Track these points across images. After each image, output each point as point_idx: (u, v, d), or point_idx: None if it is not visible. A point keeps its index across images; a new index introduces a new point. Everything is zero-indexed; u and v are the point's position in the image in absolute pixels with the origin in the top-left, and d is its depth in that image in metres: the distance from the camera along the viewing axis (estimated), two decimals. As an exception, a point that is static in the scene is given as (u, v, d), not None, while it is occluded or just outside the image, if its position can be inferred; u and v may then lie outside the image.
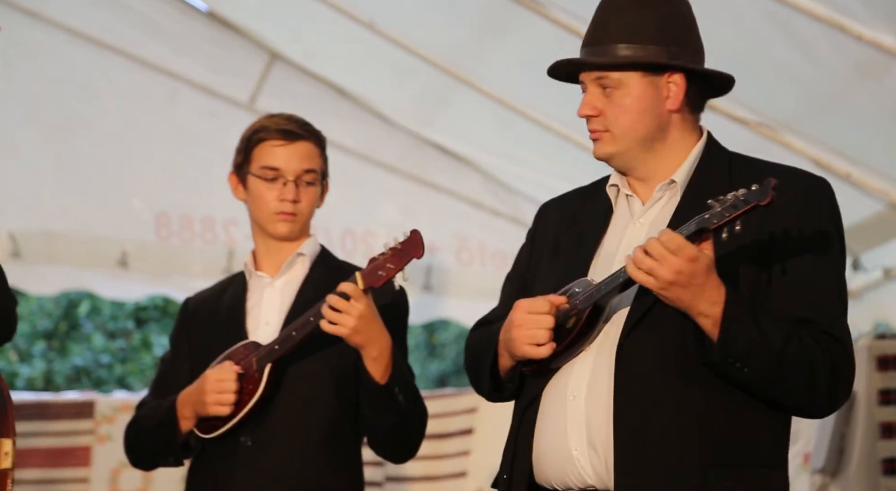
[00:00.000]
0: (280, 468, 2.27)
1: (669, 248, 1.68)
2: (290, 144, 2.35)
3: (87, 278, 4.27)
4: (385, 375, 2.25)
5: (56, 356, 7.84)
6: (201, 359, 2.32)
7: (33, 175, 4.10)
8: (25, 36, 3.76)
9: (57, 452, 3.89)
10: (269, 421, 2.27)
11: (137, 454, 2.41)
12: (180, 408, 2.29)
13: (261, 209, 2.37)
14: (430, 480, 3.92)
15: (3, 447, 1.84)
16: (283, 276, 2.38)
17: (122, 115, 4.14)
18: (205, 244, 4.27)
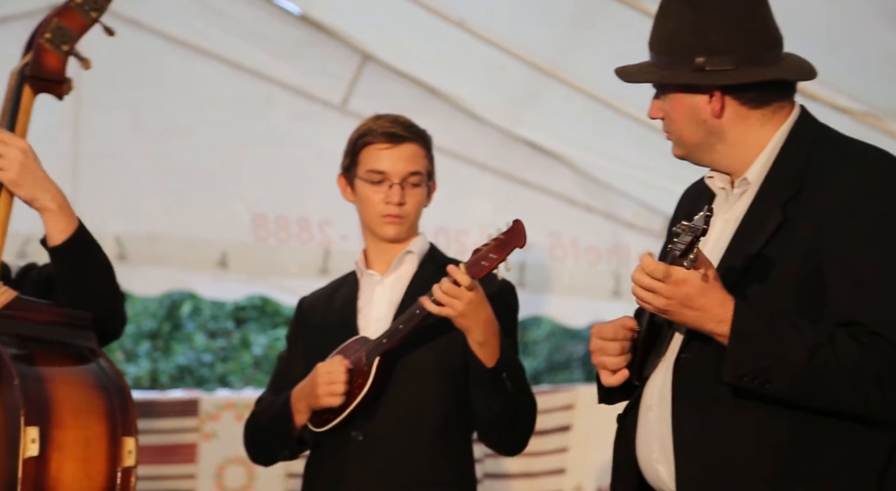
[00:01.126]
0: (391, 463, 2.31)
1: (656, 276, 1.66)
2: (395, 147, 2.39)
3: (188, 279, 4.38)
4: (492, 359, 2.26)
5: (160, 356, 8.04)
6: (315, 356, 2.38)
7: (137, 179, 4.21)
8: (127, 44, 3.86)
9: (165, 449, 3.99)
10: (379, 415, 2.31)
11: (255, 449, 2.48)
12: (294, 402, 2.35)
13: (368, 212, 2.41)
14: (528, 477, 3.92)
15: (127, 446, 1.91)
16: (393, 273, 2.42)
17: (220, 119, 4.23)
18: (301, 244, 4.34)
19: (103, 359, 2.04)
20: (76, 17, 2.18)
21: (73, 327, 2.09)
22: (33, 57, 2.17)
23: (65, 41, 2.17)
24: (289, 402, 2.35)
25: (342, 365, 2.29)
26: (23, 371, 1.93)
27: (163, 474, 3.98)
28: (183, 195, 4.25)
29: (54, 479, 1.86)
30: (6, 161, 2.10)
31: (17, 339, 2.00)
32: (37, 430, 1.85)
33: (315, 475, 2.39)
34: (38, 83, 2.16)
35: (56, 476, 1.87)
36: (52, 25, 2.17)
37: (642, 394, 1.82)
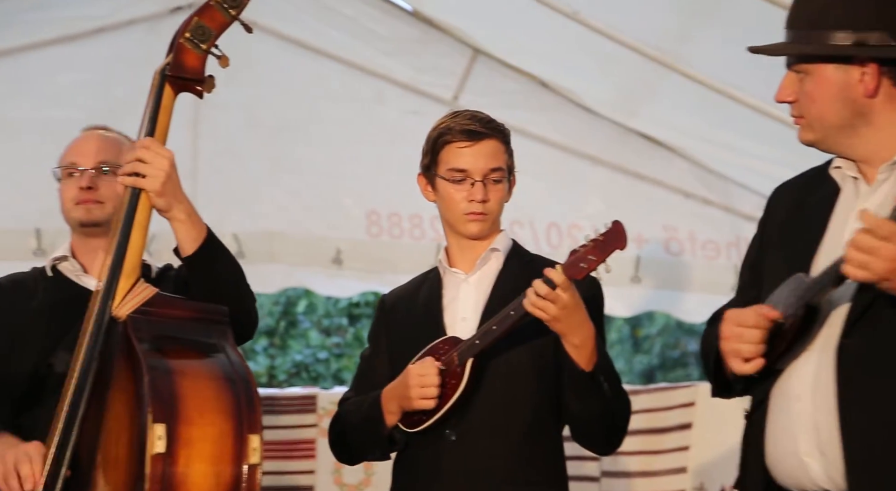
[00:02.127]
0: (484, 462, 2.29)
1: (880, 235, 1.57)
2: (475, 145, 2.36)
3: (304, 276, 4.43)
4: (590, 362, 2.23)
5: (277, 352, 8.19)
6: (400, 354, 2.37)
7: (253, 178, 4.28)
8: (243, 45, 3.92)
9: (285, 445, 4.05)
10: (472, 415, 2.29)
11: (343, 449, 2.47)
12: (385, 403, 2.34)
13: (451, 210, 2.39)
14: (647, 476, 3.85)
15: (252, 443, 1.92)
16: (478, 271, 2.40)
17: (333, 116, 4.27)
18: (413, 241, 4.35)
19: (235, 355, 2.06)
20: (216, 16, 2.20)
21: (210, 323, 2.11)
22: (174, 56, 2.19)
23: (204, 40, 2.19)
24: (379, 402, 2.34)
25: (435, 368, 2.27)
26: (153, 367, 1.96)
27: (284, 470, 4.04)
28: (298, 193, 4.30)
29: (181, 475, 1.89)
30: (153, 170, 2.14)
31: (154, 335, 2.03)
32: (163, 427, 1.88)
33: (407, 474, 2.38)
34: (179, 82, 2.19)
35: (183, 472, 1.89)
36: (192, 24, 2.19)
37: (778, 387, 1.75)
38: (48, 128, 3.62)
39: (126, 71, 3.91)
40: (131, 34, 4.00)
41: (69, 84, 4.02)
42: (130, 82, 3.82)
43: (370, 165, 4.31)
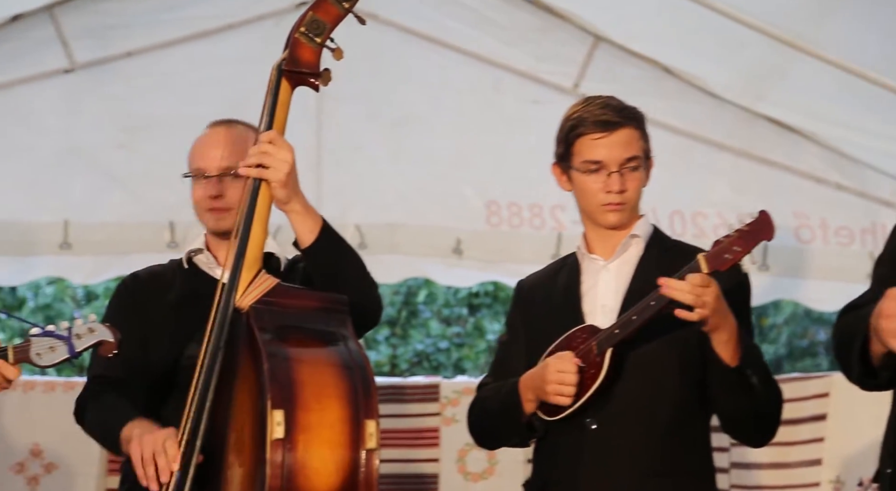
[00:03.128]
0: (626, 452, 2.26)
1: None
2: (609, 135, 2.33)
3: (425, 266, 4.46)
4: (735, 357, 2.17)
5: (399, 342, 8.28)
6: (537, 341, 2.35)
7: (375, 169, 4.32)
8: (364, 37, 3.96)
9: (409, 433, 4.09)
10: (613, 405, 2.26)
11: (482, 434, 2.48)
12: (523, 391, 2.33)
13: (588, 201, 2.36)
14: (780, 467, 3.75)
15: (369, 428, 1.95)
16: (618, 258, 2.37)
17: (453, 107, 4.28)
18: (533, 230, 4.33)
19: (353, 342, 2.09)
20: (330, 9, 2.22)
21: (329, 312, 2.14)
22: (289, 51, 2.23)
23: (318, 33, 2.22)
24: (517, 389, 2.33)
25: (573, 365, 2.25)
26: (273, 355, 2.00)
27: (409, 457, 4.08)
28: (419, 183, 4.32)
29: (301, 460, 1.91)
30: (277, 161, 2.17)
31: (275, 324, 2.07)
32: (282, 413, 1.92)
33: (546, 462, 2.36)
34: (295, 76, 2.22)
35: (302, 457, 1.92)
36: (307, 19, 2.22)
37: None
38: (182, 124, 3.72)
39: (253, 66, 3.98)
40: (258, 30, 4.09)
41: (200, 80, 4.13)
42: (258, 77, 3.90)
43: (490, 155, 4.30)
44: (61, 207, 4.12)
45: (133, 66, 4.12)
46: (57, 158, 4.12)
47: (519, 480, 4.12)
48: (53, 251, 4.13)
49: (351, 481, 1.92)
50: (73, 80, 4.08)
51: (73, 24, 4.01)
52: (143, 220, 4.16)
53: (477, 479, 4.08)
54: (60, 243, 4.12)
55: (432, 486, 4.07)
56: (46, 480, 3.97)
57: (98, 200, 4.17)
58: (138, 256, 4.11)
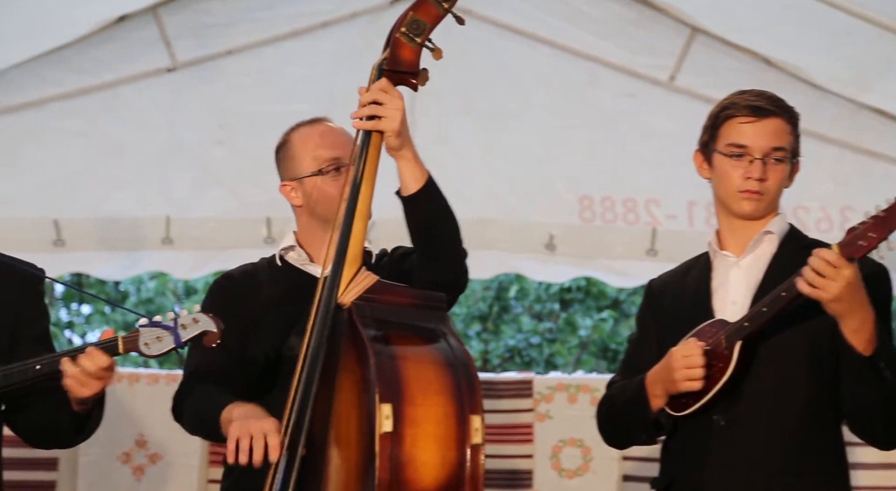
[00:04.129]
0: (756, 449, 2.22)
1: None
2: (759, 121, 2.29)
3: (517, 262, 4.45)
4: (868, 346, 2.12)
5: (490, 337, 8.28)
6: (667, 338, 2.33)
7: (466, 164, 4.32)
8: (457, 33, 3.98)
9: (502, 429, 4.09)
10: (742, 401, 2.22)
11: (610, 432, 2.46)
12: (650, 386, 2.31)
13: (726, 187, 2.32)
14: (888, 468, 3.64)
15: (474, 423, 1.96)
16: (750, 254, 2.32)
17: (546, 101, 4.26)
18: (627, 225, 4.29)
19: (454, 339, 2.11)
20: (430, 10, 2.25)
21: (428, 309, 2.16)
22: (390, 51, 2.25)
23: (418, 33, 2.24)
24: (643, 385, 2.31)
25: (698, 348, 2.22)
26: (378, 351, 2.02)
27: (502, 453, 4.08)
28: (511, 179, 4.31)
29: (408, 454, 1.93)
30: (389, 111, 2.20)
31: (377, 320, 2.09)
32: (390, 406, 1.94)
33: (674, 460, 2.34)
34: (395, 76, 2.25)
35: (410, 451, 1.93)
36: (407, 19, 2.24)
37: None
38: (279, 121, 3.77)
39: (348, 63, 4.04)
40: (354, 27, 4.13)
41: (297, 78, 4.19)
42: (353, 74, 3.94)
43: (583, 150, 4.28)
44: (163, 204, 4.22)
45: (232, 64, 4.20)
46: (159, 156, 4.22)
47: (614, 477, 4.13)
48: (156, 247, 4.23)
49: (457, 476, 1.94)
50: (175, 78, 4.17)
51: (175, 24, 4.10)
52: (240, 215, 4.23)
53: (572, 475, 4.06)
54: (163, 239, 4.22)
55: (526, 482, 4.07)
56: (151, 470, 4.07)
57: (198, 197, 4.25)
58: (236, 252, 4.19)
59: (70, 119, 4.13)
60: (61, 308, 8.39)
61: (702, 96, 3.99)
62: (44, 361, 2.27)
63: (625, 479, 4.02)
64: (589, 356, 8.26)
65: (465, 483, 1.94)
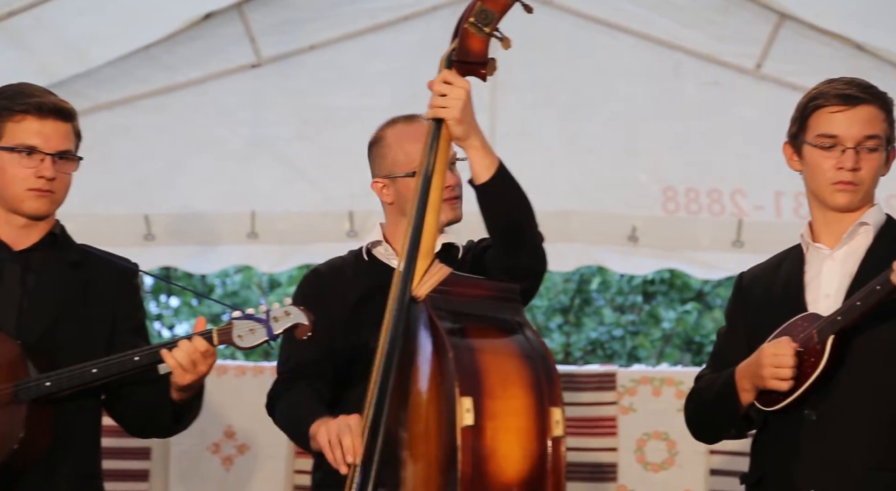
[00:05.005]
0: (848, 445, 2.18)
1: None
2: (850, 109, 2.23)
3: (599, 254, 4.41)
4: None
5: (572, 330, 8.24)
6: (757, 332, 2.29)
7: (548, 157, 4.30)
8: (539, 24, 3.96)
9: (585, 422, 4.07)
10: (834, 396, 2.18)
11: (698, 426, 2.43)
12: (739, 380, 2.27)
13: (817, 179, 2.27)
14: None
15: (554, 416, 1.95)
16: (844, 246, 2.28)
17: (629, 92, 4.21)
18: (712, 216, 4.22)
19: (530, 331, 2.10)
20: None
21: (503, 300, 2.15)
22: (459, 41, 2.25)
23: (487, 23, 2.24)
24: (733, 379, 2.28)
25: (790, 348, 2.18)
26: (456, 344, 2.01)
27: (586, 446, 4.06)
28: (592, 170, 4.28)
29: (490, 447, 1.93)
30: (451, 100, 2.20)
31: (452, 313, 2.09)
32: (470, 400, 1.94)
33: (765, 454, 2.30)
34: (464, 66, 2.24)
35: (491, 445, 1.93)
36: (475, 9, 2.24)
37: None
38: (361, 115, 3.81)
39: (430, 56, 4.03)
40: (435, 20, 4.13)
41: (378, 72, 4.22)
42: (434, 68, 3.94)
43: (666, 140, 4.22)
44: (249, 198, 4.28)
45: (315, 59, 4.24)
46: (244, 151, 4.28)
47: (701, 472, 4.08)
48: (241, 241, 4.30)
49: (539, 469, 1.93)
50: (260, 74, 4.23)
51: (260, 21, 4.16)
52: (324, 209, 4.28)
53: (657, 469, 4.02)
54: (248, 233, 4.28)
55: (610, 475, 4.04)
56: (239, 461, 4.14)
57: (282, 191, 4.31)
58: (320, 245, 4.24)
59: (158, 116, 4.22)
60: (150, 301, 8.59)
61: (789, 84, 3.91)
62: (142, 352, 2.33)
63: (712, 473, 3.96)
64: (672, 349, 8.16)
65: (547, 475, 1.93)
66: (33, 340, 2.39)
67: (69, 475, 2.40)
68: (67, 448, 2.39)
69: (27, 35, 3.76)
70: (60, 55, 3.92)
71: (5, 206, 2.46)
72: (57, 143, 2.44)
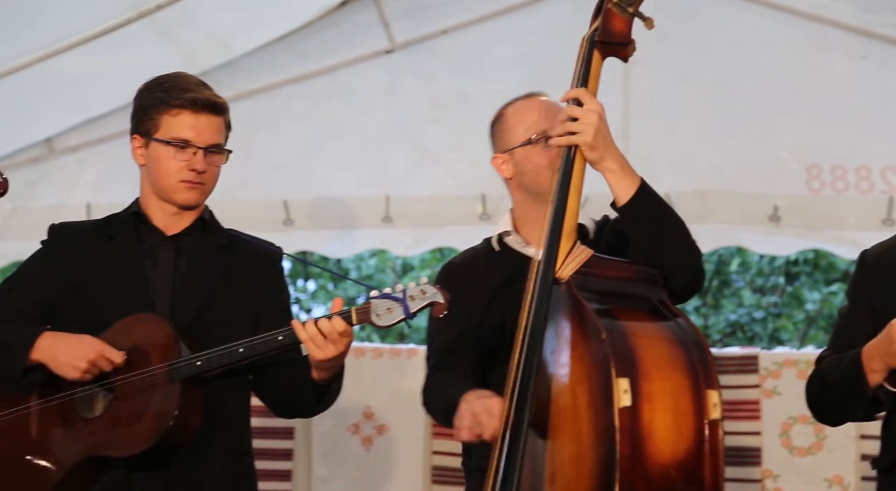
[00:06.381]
0: None
1: None
2: None
3: (739, 235, 4.31)
4: None
5: (710, 312, 8.08)
6: (883, 310, 2.22)
7: (684, 136, 4.22)
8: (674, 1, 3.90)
9: (728, 405, 3.99)
10: None
11: (821, 409, 2.38)
12: (867, 361, 2.20)
13: None
14: None
15: (711, 398, 1.92)
16: None
17: (770, 68, 4.09)
18: (860, 194, 4.08)
19: (680, 316, 2.07)
20: None
21: (645, 283, 2.13)
22: (602, 22, 2.24)
23: (630, 3, 2.22)
24: (859, 360, 2.21)
25: None
26: (608, 325, 2.00)
27: (729, 430, 3.98)
28: (731, 149, 4.18)
29: (647, 428, 1.91)
30: (584, 125, 2.20)
31: (597, 294, 2.08)
32: (627, 381, 1.92)
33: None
34: (606, 47, 2.24)
35: (649, 426, 1.92)
36: (619, -10, 2.23)
37: None
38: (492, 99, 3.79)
39: (559, 40, 4.01)
40: (564, 3, 4.09)
41: (508, 55, 4.20)
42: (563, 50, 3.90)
43: (810, 117, 4.09)
44: (382, 183, 4.33)
45: (446, 43, 4.26)
46: (378, 136, 4.34)
47: (851, 457, 3.95)
48: (376, 225, 4.36)
49: (697, 451, 1.90)
50: (393, 59, 4.27)
51: (393, 6, 4.19)
52: (456, 193, 4.30)
53: (804, 453, 3.92)
54: (382, 217, 4.34)
55: (755, 460, 3.95)
56: (378, 441, 4.21)
57: (415, 175, 4.34)
58: (453, 229, 4.27)
59: (296, 103, 4.31)
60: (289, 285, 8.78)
61: (944, 56, 3.74)
62: (285, 331, 2.38)
63: (863, 458, 3.84)
64: (817, 331, 7.91)
65: (704, 458, 1.90)
66: (185, 322, 2.47)
67: (222, 453, 2.48)
68: (219, 427, 2.47)
69: (174, 28, 3.88)
70: (204, 46, 4.03)
71: (158, 194, 2.55)
72: (209, 136, 2.51)
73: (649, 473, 1.89)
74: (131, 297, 2.47)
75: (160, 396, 2.38)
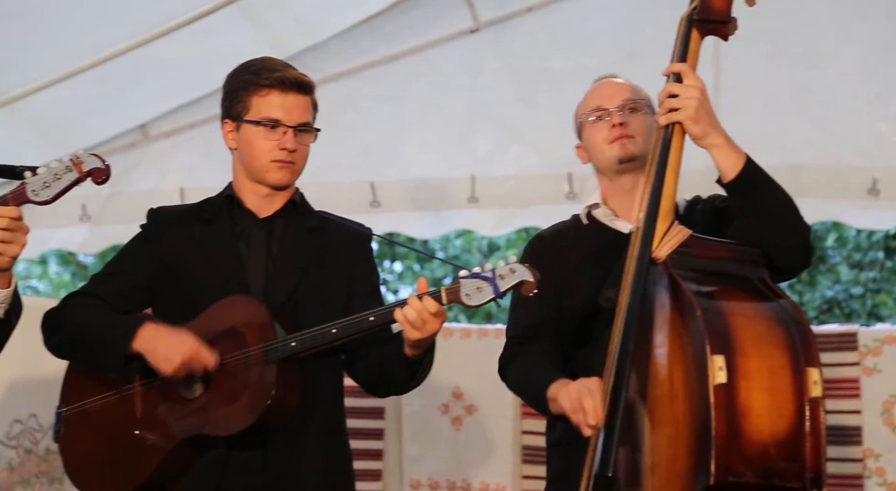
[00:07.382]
0: None
1: None
2: None
3: (835, 210, 4.20)
4: None
5: (805, 289, 7.91)
6: None
7: (777, 110, 4.12)
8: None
9: (827, 383, 3.89)
10: None
11: None
12: None
13: None
14: None
15: (812, 376, 1.88)
16: None
17: (867, 36, 3.96)
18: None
19: (782, 296, 2.03)
20: None
21: (745, 262, 2.10)
22: (701, 1, 2.19)
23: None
24: None
25: None
26: (703, 303, 1.98)
27: (828, 409, 3.88)
28: (825, 122, 4.07)
29: (744, 406, 1.89)
30: (684, 100, 2.18)
31: (695, 273, 2.06)
32: (722, 358, 1.89)
33: None
34: (705, 26, 2.21)
35: (745, 403, 1.89)
36: (720, -31, 2.18)
37: None
38: (577, 76, 3.75)
39: (645, 16, 3.95)
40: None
41: (594, 32, 4.15)
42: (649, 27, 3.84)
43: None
44: (468, 163, 4.33)
45: (531, 21, 4.22)
46: (463, 116, 4.33)
47: (959, 437, 3.82)
48: (462, 205, 4.36)
49: (796, 429, 1.86)
50: (477, 39, 4.25)
51: (477, -15, 4.18)
52: (542, 172, 4.27)
53: (907, 432, 3.82)
54: (468, 198, 4.33)
55: (855, 439, 3.86)
56: (468, 421, 4.22)
57: (500, 155, 4.33)
58: (539, 208, 4.24)
59: (382, 85, 4.32)
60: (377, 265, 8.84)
61: None
62: (377, 312, 2.40)
63: (967, 437, 3.73)
64: (919, 306, 7.69)
65: (804, 437, 1.86)
66: (279, 303, 2.50)
67: (318, 432, 2.51)
68: (315, 406, 2.50)
69: (263, 13, 3.92)
70: (292, 30, 4.07)
71: (251, 176, 2.58)
72: (298, 115, 2.54)
73: (747, 451, 1.86)
74: (227, 279, 2.51)
75: (257, 376, 2.42)
